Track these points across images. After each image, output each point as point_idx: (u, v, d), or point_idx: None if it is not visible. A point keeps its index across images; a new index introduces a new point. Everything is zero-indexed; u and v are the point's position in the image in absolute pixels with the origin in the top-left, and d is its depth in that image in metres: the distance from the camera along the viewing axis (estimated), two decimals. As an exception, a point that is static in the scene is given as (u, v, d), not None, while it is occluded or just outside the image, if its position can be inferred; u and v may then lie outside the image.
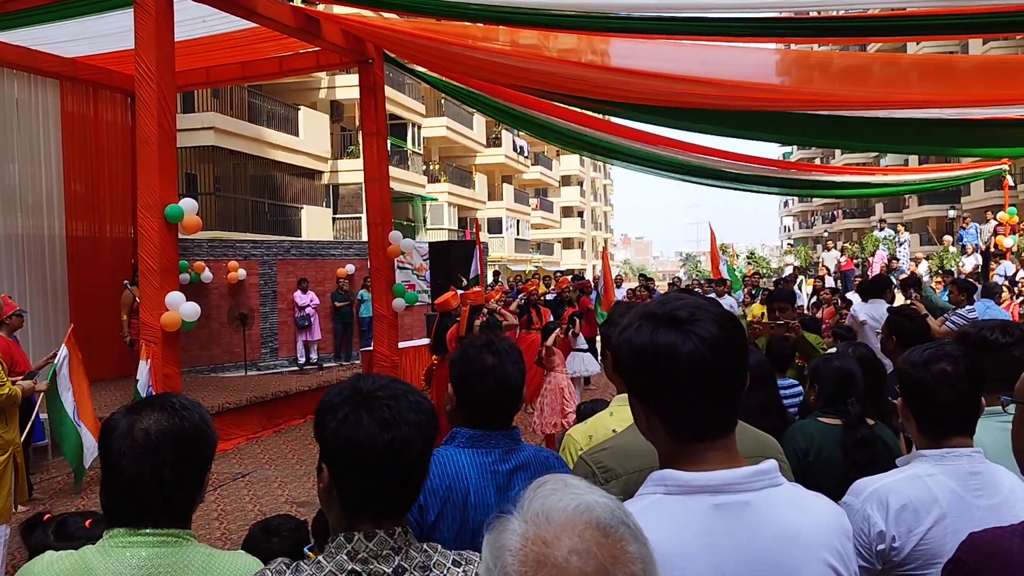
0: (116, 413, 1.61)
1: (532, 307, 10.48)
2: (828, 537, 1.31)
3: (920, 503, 1.89)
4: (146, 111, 7.57)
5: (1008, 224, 16.39)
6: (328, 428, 1.40)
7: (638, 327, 1.30)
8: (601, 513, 0.85)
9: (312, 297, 14.97)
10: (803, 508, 1.32)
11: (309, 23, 9.43)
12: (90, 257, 12.02)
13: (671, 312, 1.29)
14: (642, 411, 1.33)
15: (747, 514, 1.26)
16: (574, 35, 7.64)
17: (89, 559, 1.50)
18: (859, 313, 6.92)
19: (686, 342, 1.25)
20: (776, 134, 9.40)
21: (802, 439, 2.92)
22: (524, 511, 0.85)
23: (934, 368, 1.95)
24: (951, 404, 1.95)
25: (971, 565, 1.39)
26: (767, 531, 1.25)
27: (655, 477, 1.31)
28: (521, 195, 45.17)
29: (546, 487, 0.88)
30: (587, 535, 0.83)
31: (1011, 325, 2.72)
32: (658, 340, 1.27)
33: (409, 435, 1.39)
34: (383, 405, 1.39)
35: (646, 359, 1.28)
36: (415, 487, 1.45)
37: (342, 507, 1.40)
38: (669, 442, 1.31)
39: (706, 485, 1.26)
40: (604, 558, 0.81)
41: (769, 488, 1.29)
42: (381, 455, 1.37)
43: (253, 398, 10.06)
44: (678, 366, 1.25)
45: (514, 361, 2.13)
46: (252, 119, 21.43)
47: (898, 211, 44.42)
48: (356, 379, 1.47)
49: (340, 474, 1.40)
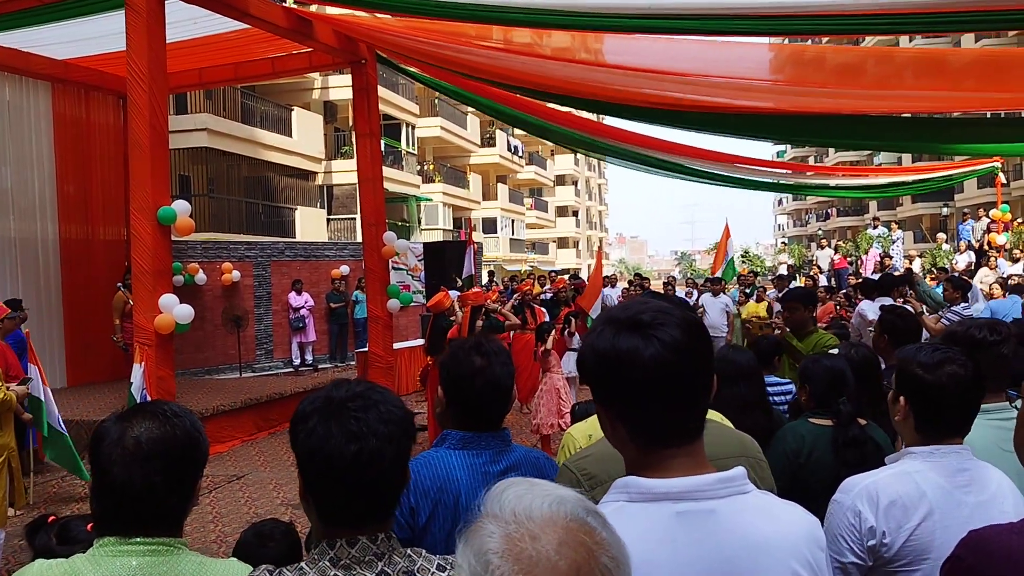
0: (107, 420, 1.60)
1: (526, 307, 10.49)
2: (797, 546, 1.27)
3: (909, 499, 1.90)
4: (138, 113, 7.55)
5: (1001, 221, 16.45)
6: (299, 438, 1.41)
7: (600, 332, 1.29)
8: (575, 506, 0.87)
9: (307, 298, 14.96)
10: (772, 516, 1.29)
11: (301, 24, 9.42)
12: (83, 260, 11.99)
13: (634, 316, 1.27)
14: (607, 417, 1.32)
15: (711, 522, 1.24)
16: (567, 33, 7.65)
17: (79, 568, 1.50)
18: (867, 312, 6.95)
19: (648, 346, 1.23)
20: (769, 134, 9.42)
21: (793, 440, 2.92)
22: (499, 513, 0.86)
23: (945, 371, 1.95)
24: (957, 406, 1.96)
25: (970, 562, 1.40)
26: (732, 539, 1.23)
27: (619, 484, 1.29)
28: (516, 195, 45.17)
29: (516, 488, 0.88)
30: (571, 527, 0.84)
31: (999, 323, 2.74)
32: (619, 345, 1.25)
33: (377, 447, 1.37)
34: (351, 417, 1.38)
35: (608, 364, 1.26)
36: (388, 497, 1.43)
37: (318, 515, 1.41)
38: (633, 449, 1.29)
39: (669, 492, 1.24)
40: (588, 547, 0.84)
41: (736, 495, 1.27)
42: (348, 467, 1.36)
43: (248, 400, 10.04)
44: (640, 371, 1.23)
45: (503, 363, 2.14)
46: (245, 120, 21.39)
47: (892, 209, 44.53)
48: (331, 387, 1.46)
49: (311, 484, 1.40)
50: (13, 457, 5.71)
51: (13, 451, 5.71)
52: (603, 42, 7.90)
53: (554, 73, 8.19)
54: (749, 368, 3.50)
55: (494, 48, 8.10)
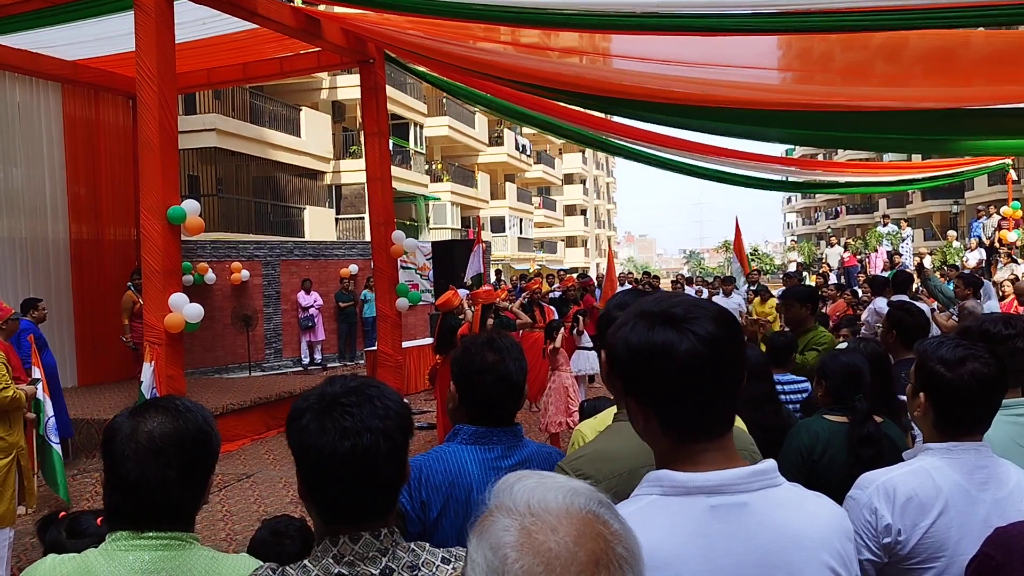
0: (119, 416, 1.61)
1: (535, 306, 10.48)
2: (828, 538, 1.29)
3: (926, 496, 1.88)
4: (148, 113, 7.57)
5: (1012, 219, 16.33)
6: (293, 436, 1.39)
7: (633, 326, 1.28)
8: (589, 497, 0.87)
9: (316, 297, 14.99)
10: (803, 508, 1.30)
11: (310, 23, 9.43)
12: (93, 260, 12.05)
13: (667, 310, 1.27)
14: (639, 411, 1.31)
15: (744, 515, 1.24)
16: (576, 32, 7.63)
17: (91, 563, 1.50)
18: (883, 308, 6.91)
19: (683, 340, 1.23)
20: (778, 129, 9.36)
21: (807, 437, 2.90)
22: (512, 506, 0.85)
23: (967, 368, 1.92)
24: (978, 404, 1.93)
25: (998, 560, 1.38)
26: (764, 532, 1.24)
27: (651, 478, 1.29)
28: (524, 194, 45.18)
29: (528, 481, 0.88)
30: (587, 518, 0.84)
31: (1014, 317, 2.72)
32: (654, 339, 1.25)
33: (371, 442, 1.35)
34: (345, 413, 1.37)
35: (642, 358, 1.26)
36: (385, 493, 1.41)
37: (318, 512, 1.40)
38: (665, 443, 1.29)
39: (703, 486, 1.24)
40: (605, 537, 0.84)
41: (767, 488, 1.27)
42: (343, 463, 1.34)
43: (257, 399, 10.07)
44: (675, 365, 1.23)
45: (515, 359, 2.14)
46: (254, 120, 21.45)
47: (901, 207, 44.33)
48: (326, 383, 1.45)
49: (307, 481, 1.39)
50: (23, 456, 5.73)
51: (23, 449, 5.74)
52: (611, 41, 7.89)
53: (562, 69, 8.17)
54: (759, 365, 3.50)
55: (502, 43, 8.09)
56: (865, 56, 7.16)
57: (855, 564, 1.33)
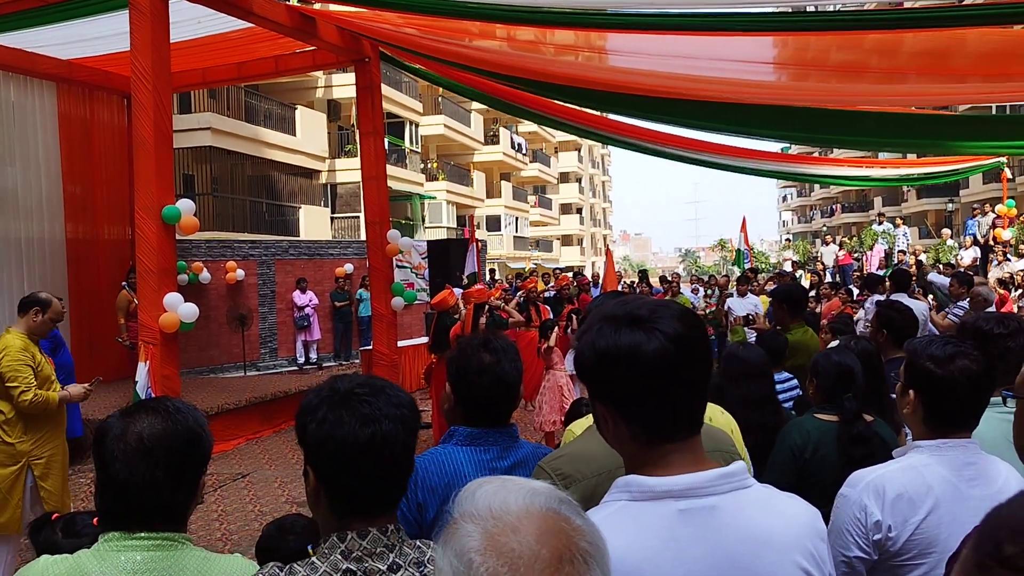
0: (110, 417, 1.61)
1: (531, 304, 10.49)
2: (800, 539, 1.28)
3: (915, 493, 1.90)
4: (142, 112, 7.56)
5: (1006, 216, 16.38)
6: (309, 430, 1.41)
7: (599, 329, 1.28)
8: (549, 496, 0.88)
9: (311, 297, 14.98)
10: (774, 510, 1.29)
11: (305, 22, 9.42)
12: (89, 259, 12.01)
13: (632, 312, 1.27)
14: (607, 415, 1.30)
15: (713, 518, 1.23)
16: (571, 30, 7.63)
17: (84, 563, 1.50)
18: None
19: (651, 340, 1.23)
20: (773, 129, 9.38)
21: (799, 436, 2.91)
22: (474, 512, 0.86)
23: (956, 365, 1.94)
24: (967, 401, 1.95)
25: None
26: (734, 535, 1.23)
27: (620, 483, 1.29)
28: (519, 192, 45.16)
29: (489, 486, 0.89)
30: (548, 516, 0.85)
31: (1007, 317, 2.74)
32: (621, 341, 1.24)
33: (390, 429, 1.39)
34: (362, 401, 1.40)
35: (610, 361, 1.25)
36: (401, 480, 1.45)
37: (331, 507, 1.41)
38: (633, 446, 1.29)
39: (671, 490, 1.23)
40: (567, 533, 0.85)
41: (737, 490, 1.27)
42: (364, 451, 1.37)
43: (252, 398, 10.06)
44: (643, 365, 1.22)
45: (511, 359, 2.14)
46: (249, 119, 21.42)
47: (897, 205, 44.40)
48: (333, 380, 1.48)
49: (325, 474, 1.40)
50: (35, 465, 5.14)
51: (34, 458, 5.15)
52: (607, 39, 7.89)
53: (558, 67, 8.18)
54: (759, 366, 3.50)
55: (497, 39, 8.09)
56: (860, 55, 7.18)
57: (828, 564, 1.32)
